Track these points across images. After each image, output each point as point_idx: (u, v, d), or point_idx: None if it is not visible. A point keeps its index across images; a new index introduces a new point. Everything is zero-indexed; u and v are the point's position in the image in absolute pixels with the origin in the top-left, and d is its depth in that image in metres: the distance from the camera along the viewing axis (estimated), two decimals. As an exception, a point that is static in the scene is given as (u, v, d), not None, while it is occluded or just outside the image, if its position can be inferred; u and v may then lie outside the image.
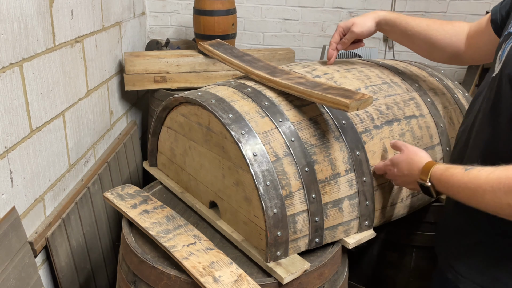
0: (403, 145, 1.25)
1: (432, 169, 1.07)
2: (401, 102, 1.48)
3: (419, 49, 1.45)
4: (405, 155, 1.22)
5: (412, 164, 1.17)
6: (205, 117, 1.36)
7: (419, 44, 1.41)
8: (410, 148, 1.22)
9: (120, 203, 1.45)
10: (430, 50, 1.41)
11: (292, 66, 1.57)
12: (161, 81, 2.39)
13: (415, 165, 1.15)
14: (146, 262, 1.22)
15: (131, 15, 2.66)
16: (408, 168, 1.18)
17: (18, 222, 1.42)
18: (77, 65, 1.86)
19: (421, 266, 1.62)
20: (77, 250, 1.79)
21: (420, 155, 1.17)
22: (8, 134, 1.40)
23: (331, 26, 3.00)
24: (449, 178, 1.00)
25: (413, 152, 1.20)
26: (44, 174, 1.62)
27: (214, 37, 2.38)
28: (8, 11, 1.37)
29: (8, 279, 1.32)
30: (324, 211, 1.26)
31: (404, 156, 1.21)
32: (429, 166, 1.09)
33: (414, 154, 1.19)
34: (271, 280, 1.17)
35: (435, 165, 1.07)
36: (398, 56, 3.01)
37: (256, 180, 1.16)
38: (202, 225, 1.44)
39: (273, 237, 1.17)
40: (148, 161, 1.75)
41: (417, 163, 1.15)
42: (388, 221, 1.44)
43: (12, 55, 1.40)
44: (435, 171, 1.06)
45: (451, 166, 1.03)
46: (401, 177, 1.23)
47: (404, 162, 1.20)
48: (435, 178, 1.06)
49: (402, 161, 1.21)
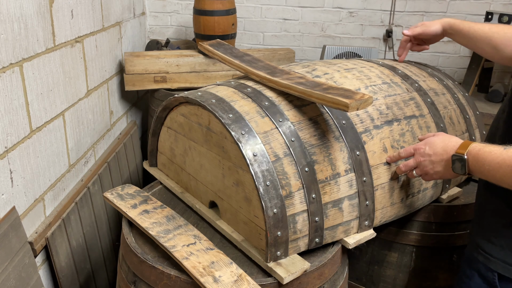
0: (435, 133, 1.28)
1: (471, 145, 1.08)
2: (401, 102, 1.48)
3: (483, 52, 1.48)
4: (440, 135, 1.23)
5: (448, 142, 1.18)
6: (205, 117, 1.36)
7: (482, 46, 1.44)
8: (443, 133, 1.25)
9: (120, 203, 1.46)
10: (493, 52, 1.43)
11: (292, 66, 1.57)
12: (161, 81, 2.39)
13: (451, 143, 1.17)
14: (146, 262, 1.22)
15: (131, 15, 2.66)
16: (443, 146, 1.19)
17: (18, 222, 1.42)
18: (77, 65, 1.86)
19: (421, 266, 1.62)
20: (77, 250, 1.79)
21: (453, 137, 1.20)
22: (8, 134, 1.40)
23: (331, 26, 3.01)
24: (487, 155, 1.02)
25: (448, 135, 1.23)
26: (44, 174, 1.62)
27: (214, 37, 2.38)
28: (8, 11, 1.37)
29: (8, 279, 1.32)
30: (324, 211, 1.26)
31: (440, 136, 1.22)
32: (468, 143, 1.10)
33: (449, 136, 1.22)
34: (271, 280, 1.17)
35: (473, 143, 1.09)
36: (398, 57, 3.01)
37: (256, 180, 1.16)
38: (202, 225, 1.44)
39: (273, 237, 1.17)
40: (148, 161, 1.75)
41: (454, 142, 1.17)
42: (388, 221, 1.44)
43: (12, 55, 1.40)
44: (473, 146, 1.07)
45: (489, 144, 1.05)
46: (431, 155, 1.22)
47: (439, 141, 1.21)
48: (472, 154, 1.07)
49: (437, 139, 1.22)
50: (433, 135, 1.26)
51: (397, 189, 1.41)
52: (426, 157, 1.23)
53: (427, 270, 1.62)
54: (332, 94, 1.20)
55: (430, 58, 2.97)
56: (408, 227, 1.59)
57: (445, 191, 1.60)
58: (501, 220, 1.10)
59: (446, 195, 1.60)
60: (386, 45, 3.02)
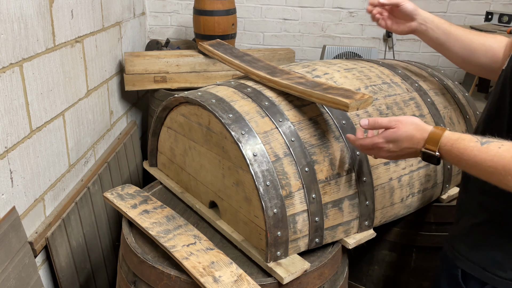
0: (394, 120, 1.09)
1: (442, 139, 1.00)
2: (401, 102, 1.48)
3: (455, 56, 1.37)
4: (404, 127, 1.07)
5: (415, 134, 1.06)
6: (205, 117, 1.36)
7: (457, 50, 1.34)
8: (404, 121, 1.08)
9: (120, 203, 1.45)
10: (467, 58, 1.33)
11: (292, 66, 1.57)
12: (161, 81, 2.39)
13: (418, 135, 1.05)
14: (146, 262, 1.22)
15: (131, 15, 2.66)
16: (410, 142, 1.06)
17: (18, 222, 1.42)
18: (77, 65, 1.86)
19: (421, 266, 1.62)
20: (77, 250, 1.79)
21: (419, 124, 1.07)
22: (8, 134, 1.40)
23: (331, 26, 3.01)
24: (462, 152, 0.95)
25: (410, 123, 1.07)
26: (44, 174, 1.62)
27: (214, 37, 2.38)
28: (8, 11, 1.37)
29: (8, 279, 1.32)
30: (324, 211, 1.26)
31: (405, 128, 1.07)
32: (438, 135, 1.01)
33: (412, 124, 1.07)
34: (271, 280, 1.17)
35: (444, 133, 1.00)
36: (398, 56, 3.02)
37: (256, 180, 1.16)
38: (202, 225, 1.44)
39: (273, 237, 1.17)
40: (148, 161, 1.75)
41: (420, 134, 1.05)
42: (388, 221, 1.44)
43: (12, 55, 1.40)
44: (445, 142, 0.99)
45: (462, 135, 0.97)
46: (396, 151, 1.10)
47: (404, 136, 1.07)
48: (445, 149, 1.00)
49: (401, 136, 1.07)
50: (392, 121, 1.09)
51: (397, 189, 1.41)
52: (391, 153, 1.12)
53: (427, 270, 1.62)
54: (332, 94, 1.20)
55: (430, 58, 2.98)
56: (409, 227, 1.59)
57: (445, 191, 1.60)
58: (472, 219, 1.09)
59: (446, 195, 1.60)
60: (386, 45, 3.02)
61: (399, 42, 2.97)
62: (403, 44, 2.98)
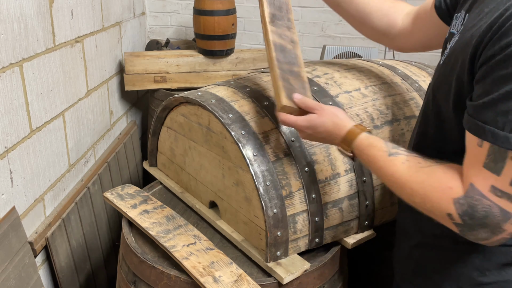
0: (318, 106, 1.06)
1: (355, 141, 0.98)
2: (401, 102, 1.48)
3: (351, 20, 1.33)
4: (324, 117, 1.04)
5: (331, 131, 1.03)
6: (205, 117, 1.36)
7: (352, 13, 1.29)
8: (326, 111, 1.04)
9: (120, 203, 1.46)
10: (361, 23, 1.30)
11: (292, 66, 1.56)
12: (161, 81, 2.39)
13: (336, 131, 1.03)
14: (146, 262, 1.22)
15: (131, 15, 2.66)
16: (327, 134, 1.04)
17: (18, 222, 1.42)
18: (77, 65, 1.86)
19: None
20: (77, 250, 1.79)
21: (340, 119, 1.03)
22: (8, 134, 1.40)
23: (331, 26, 3.00)
24: (370, 160, 0.94)
25: (331, 115, 1.04)
26: (44, 174, 1.62)
27: (214, 37, 2.38)
28: (8, 11, 1.37)
29: (8, 279, 1.32)
30: (324, 211, 1.26)
31: (323, 119, 1.03)
32: (353, 136, 0.99)
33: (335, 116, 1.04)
34: (271, 280, 1.17)
35: (359, 136, 0.98)
36: (398, 56, 3.01)
37: (256, 180, 1.16)
38: (202, 225, 1.44)
39: (273, 237, 1.17)
40: (148, 161, 1.75)
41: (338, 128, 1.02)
42: (389, 221, 1.44)
43: (12, 55, 1.40)
44: (357, 145, 0.98)
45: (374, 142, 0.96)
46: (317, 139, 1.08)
47: (322, 128, 1.04)
48: (356, 152, 0.99)
49: (319, 126, 1.04)
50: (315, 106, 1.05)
51: (397, 189, 1.41)
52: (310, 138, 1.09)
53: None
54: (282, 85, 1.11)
55: (430, 58, 2.97)
56: (408, 227, 1.59)
57: (445, 191, 1.59)
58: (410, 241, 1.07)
59: (446, 195, 1.60)
60: (386, 45, 3.01)
61: (399, 42, 2.97)
62: (403, 44, 2.98)
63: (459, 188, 0.78)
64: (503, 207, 0.74)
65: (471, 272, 0.93)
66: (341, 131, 1.02)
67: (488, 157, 0.75)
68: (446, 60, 0.89)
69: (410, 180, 0.85)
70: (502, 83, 0.71)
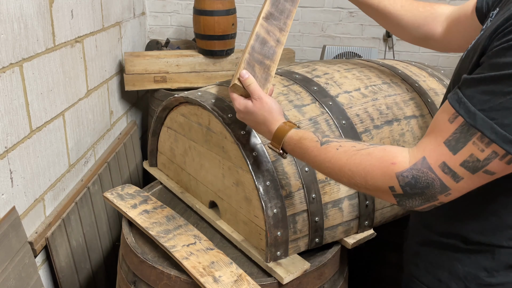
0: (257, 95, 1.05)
1: (285, 138, 1.00)
2: (401, 102, 1.48)
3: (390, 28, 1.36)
4: (257, 108, 1.04)
5: (261, 126, 1.06)
6: (205, 117, 1.36)
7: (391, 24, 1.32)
8: (263, 103, 1.04)
9: (120, 203, 1.46)
10: (400, 31, 1.32)
11: (292, 66, 1.57)
12: (161, 81, 2.39)
13: (265, 126, 1.05)
14: (146, 262, 1.22)
15: (131, 15, 2.66)
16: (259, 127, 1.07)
17: (18, 222, 1.42)
18: (77, 65, 1.86)
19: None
20: (77, 250, 1.79)
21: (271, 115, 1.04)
22: (8, 134, 1.40)
23: (331, 26, 3.01)
24: (304, 152, 0.96)
25: (266, 109, 1.04)
26: (44, 174, 1.62)
27: (214, 37, 2.38)
28: (8, 11, 1.37)
29: (8, 279, 1.32)
30: (324, 211, 1.26)
31: (256, 109, 1.04)
32: (282, 134, 1.01)
33: (267, 112, 1.04)
34: (271, 280, 1.17)
35: (288, 133, 1.00)
36: (398, 56, 3.01)
37: (256, 180, 1.16)
38: (202, 225, 1.44)
39: (273, 237, 1.17)
40: (148, 161, 1.75)
41: (268, 125, 1.04)
42: (388, 221, 1.44)
43: (12, 55, 1.40)
44: (288, 141, 1.00)
45: (304, 135, 0.98)
46: (249, 125, 1.11)
47: (253, 116, 1.06)
48: (288, 148, 1.01)
49: (252, 113, 1.05)
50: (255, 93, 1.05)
51: (397, 189, 1.41)
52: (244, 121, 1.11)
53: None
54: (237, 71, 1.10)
55: (430, 58, 2.97)
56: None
57: (445, 191, 1.59)
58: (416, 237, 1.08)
59: (446, 195, 1.60)
60: (386, 45, 3.02)
61: (399, 42, 2.97)
62: (403, 44, 2.98)
63: (403, 163, 0.81)
64: (445, 182, 0.78)
65: (478, 273, 0.93)
66: (270, 128, 1.04)
67: (453, 135, 0.76)
68: (466, 53, 0.90)
69: (348, 163, 0.87)
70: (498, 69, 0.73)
